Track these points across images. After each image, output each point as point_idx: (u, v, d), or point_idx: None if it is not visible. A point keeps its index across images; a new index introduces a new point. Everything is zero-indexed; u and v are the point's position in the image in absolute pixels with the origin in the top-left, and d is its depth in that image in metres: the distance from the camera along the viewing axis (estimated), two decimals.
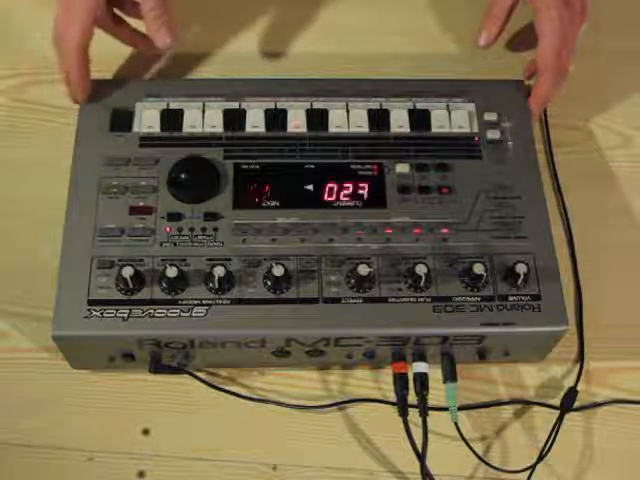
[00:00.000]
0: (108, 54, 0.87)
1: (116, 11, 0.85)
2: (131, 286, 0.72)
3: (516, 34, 0.90)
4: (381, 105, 0.83)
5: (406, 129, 0.82)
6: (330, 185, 0.78)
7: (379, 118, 0.82)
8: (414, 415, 0.73)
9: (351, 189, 0.78)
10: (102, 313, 0.71)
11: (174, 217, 0.76)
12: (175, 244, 0.75)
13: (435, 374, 0.75)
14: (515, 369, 0.79)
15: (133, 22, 0.87)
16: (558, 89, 0.83)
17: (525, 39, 0.87)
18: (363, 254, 0.75)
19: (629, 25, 0.97)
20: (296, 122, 0.81)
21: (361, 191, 0.78)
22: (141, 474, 0.74)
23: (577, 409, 0.77)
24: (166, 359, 0.75)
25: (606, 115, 0.91)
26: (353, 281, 0.73)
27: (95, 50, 0.81)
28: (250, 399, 0.76)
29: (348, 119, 0.82)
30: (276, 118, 0.81)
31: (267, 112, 0.82)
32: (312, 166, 0.79)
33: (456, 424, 0.74)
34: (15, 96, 0.89)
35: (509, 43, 0.91)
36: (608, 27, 0.94)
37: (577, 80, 0.86)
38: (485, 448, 0.76)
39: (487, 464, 0.75)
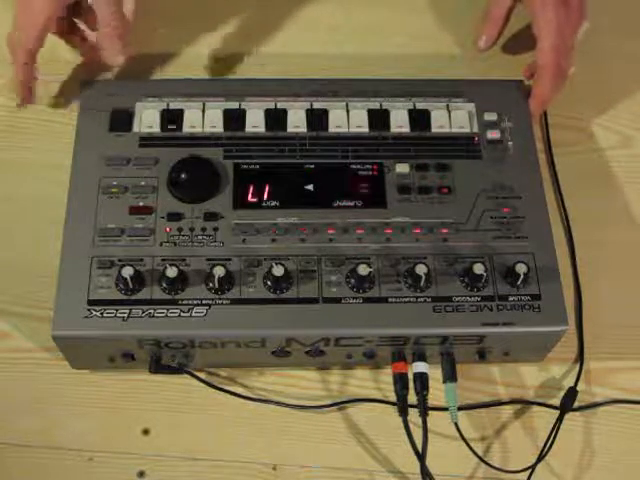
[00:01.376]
0: None
1: (75, 19, 0.84)
2: (131, 286, 0.72)
3: (515, 36, 0.90)
4: (381, 105, 0.83)
5: (406, 129, 0.82)
6: (330, 185, 0.78)
7: (379, 118, 0.82)
8: (414, 415, 0.73)
9: (351, 189, 0.78)
10: (102, 313, 0.71)
11: (174, 217, 0.76)
12: (175, 244, 0.75)
13: (435, 374, 0.75)
14: (515, 369, 0.79)
15: None
16: (558, 90, 0.83)
17: (524, 40, 0.87)
18: (363, 254, 0.75)
19: (629, 25, 0.97)
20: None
21: (361, 191, 0.78)
22: (141, 474, 0.74)
23: (577, 409, 0.77)
24: (166, 359, 0.75)
25: (606, 115, 0.91)
26: (353, 281, 0.73)
27: None
28: (250, 399, 0.76)
29: (348, 119, 0.82)
30: (276, 118, 0.81)
31: (267, 112, 0.82)
32: (312, 166, 0.79)
33: (456, 424, 0.74)
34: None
35: (509, 45, 0.91)
36: (608, 27, 0.94)
37: (577, 80, 0.86)
38: (485, 448, 0.76)
39: (487, 464, 0.75)
